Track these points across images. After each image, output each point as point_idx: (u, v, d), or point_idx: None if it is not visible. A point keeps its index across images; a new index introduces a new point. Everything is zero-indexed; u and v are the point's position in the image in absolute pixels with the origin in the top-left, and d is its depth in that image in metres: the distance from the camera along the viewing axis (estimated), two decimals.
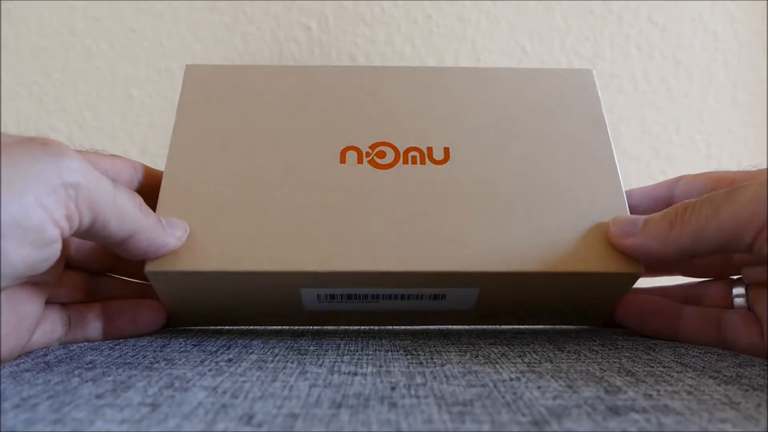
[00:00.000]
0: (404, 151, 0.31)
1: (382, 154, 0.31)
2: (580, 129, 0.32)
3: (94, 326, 0.29)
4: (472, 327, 0.35)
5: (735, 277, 0.31)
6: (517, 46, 0.62)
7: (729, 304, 0.30)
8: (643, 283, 0.32)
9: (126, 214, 0.24)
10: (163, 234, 0.26)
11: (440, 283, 0.29)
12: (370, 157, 0.31)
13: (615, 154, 0.32)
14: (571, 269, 0.28)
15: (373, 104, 0.33)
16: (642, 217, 0.28)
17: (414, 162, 0.30)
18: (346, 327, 0.34)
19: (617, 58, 0.63)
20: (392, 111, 0.32)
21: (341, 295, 0.29)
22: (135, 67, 0.61)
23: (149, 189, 0.30)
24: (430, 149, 0.31)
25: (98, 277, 0.31)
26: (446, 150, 0.31)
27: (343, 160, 0.30)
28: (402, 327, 0.35)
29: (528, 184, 0.30)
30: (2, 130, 0.22)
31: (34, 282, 0.25)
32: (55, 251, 0.22)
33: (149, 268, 0.27)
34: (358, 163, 0.30)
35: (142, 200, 0.25)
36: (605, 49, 0.62)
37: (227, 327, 0.34)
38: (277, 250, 0.28)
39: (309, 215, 0.29)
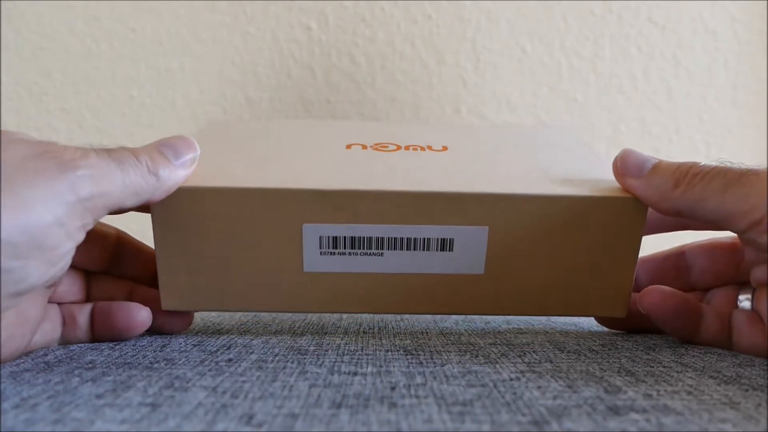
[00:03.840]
0: (405, 146, 0.34)
1: (385, 146, 0.34)
2: (567, 147, 0.36)
3: (82, 328, 0.29)
4: (472, 327, 0.35)
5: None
6: (517, 46, 0.62)
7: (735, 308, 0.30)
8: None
9: (138, 190, 0.24)
10: (175, 173, 0.26)
11: (448, 213, 0.28)
12: (375, 147, 0.34)
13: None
14: (572, 194, 0.28)
15: (377, 127, 0.38)
16: (652, 161, 0.28)
17: (415, 150, 0.34)
18: (346, 328, 0.34)
19: (617, 58, 0.63)
20: (394, 131, 0.37)
21: (344, 240, 0.28)
22: (135, 67, 0.61)
23: None
24: (429, 146, 0.34)
25: (92, 276, 0.31)
26: (444, 147, 0.34)
27: (348, 148, 0.34)
28: (402, 327, 0.35)
29: (530, 161, 0.32)
30: (3, 129, 0.22)
31: None
32: (67, 263, 0.23)
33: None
34: (363, 149, 0.33)
35: (148, 159, 0.25)
36: (605, 49, 0.62)
37: (227, 327, 0.34)
38: (283, 174, 0.29)
39: (317, 165, 0.30)
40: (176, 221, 0.28)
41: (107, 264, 0.30)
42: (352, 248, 0.28)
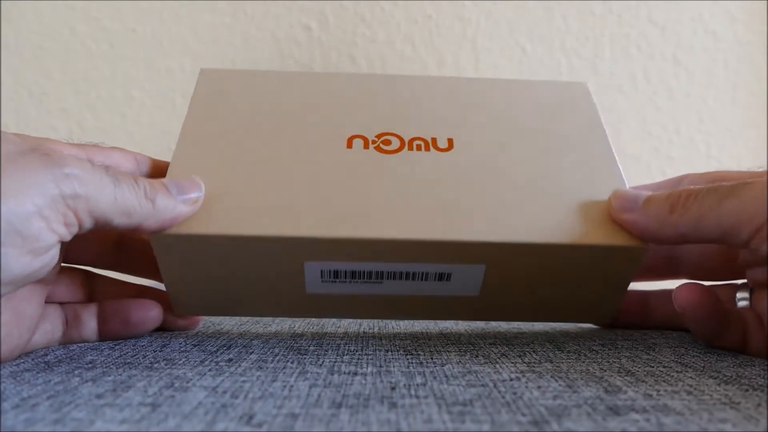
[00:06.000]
0: (409, 141, 0.32)
1: (387, 142, 0.32)
2: (578, 129, 0.34)
3: (89, 327, 0.29)
4: (472, 327, 0.35)
5: (739, 282, 0.31)
6: (517, 46, 0.62)
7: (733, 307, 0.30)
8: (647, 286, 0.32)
9: (130, 210, 0.24)
10: (174, 208, 0.26)
11: (445, 256, 0.28)
12: (376, 144, 0.31)
13: (613, 149, 0.33)
14: (573, 241, 0.28)
15: (380, 103, 0.34)
16: (644, 194, 0.28)
17: (419, 149, 0.31)
18: (346, 328, 0.34)
19: (617, 58, 0.63)
20: (398, 108, 0.34)
21: (345, 272, 0.29)
22: (135, 67, 0.61)
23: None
24: (434, 139, 0.32)
25: (96, 278, 0.31)
26: (450, 140, 0.32)
27: (349, 146, 0.31)
28: (402, 327, 0.35)
29: (532, 169, 0.31)
30: (2, 130, 0.22)
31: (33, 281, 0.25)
32: (53, 257, 0.23)
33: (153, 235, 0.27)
34: (365, 148, 0.31)
35: (147, 185, 0.25)
36: (605, 49, 0.62)
37: (227, 327, 0.34)
38: (283, 216, 0.28)
39: (316, 188, 0.29)
40: (176, 256, 0.28)
41: (112, 258, 0.30)
42: (352, 278, 0.29)
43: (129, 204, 0.24)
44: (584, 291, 0.31)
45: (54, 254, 0.23)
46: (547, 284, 0.30)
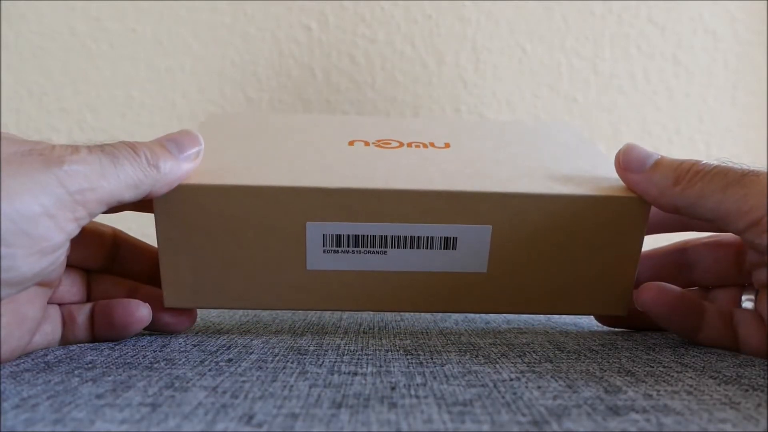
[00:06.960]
0: (408, 143, 0.34)
1: (387, 143, 0.34)
2: (569, 141, 0.36)
3: (82, 327, 0.28)
4: (472, 327, 0.35)
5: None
6: (517, 46, 0.62)
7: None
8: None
9: (136, 183, 0.24)
10: (179, 168, 0.26)
11: (451, 212, 0.28)
12: (377, 144, 0.33)
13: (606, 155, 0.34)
14: (575, 193, 0.28)
15: (379, 121, 0.38)
16: (654, 157, 0.28)
17: (417, 147, 0.33)
18: (346, 328, 0.34)
19: (617, 58, 0.63)
20: (395, 125, 0.38)
21: (348, 238, 0.28)
22: (135, 67, 0.61)
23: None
24: (432, 143, 0.34)
25: (93, 279, 0.30)
26: (447, 144, 0.34)
27: (351, 144, 0.33)
28: (402, 327, 0.35)
29: (531, 162, 0.32)
30: (2, 130, 0.22)
31: (36, 283, 0.25)
32: (61, 255, 0.23)
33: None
34: (365, 146, 0.33)
35: (147, 151, 0.25)
36: (605, 49, 0.62)
37: (227, 327, 0.34)
38: (287, 172, 0.29)
39: (320, 163, 0.30)
40: (179, 218, 0.28)
41: (106, 262, 0.30)
42: (355, 246, 0.29)
43: (134, 177, 0.24)
44: (591, 263, 0.30)
45: (62, 253, 0.23)
46: (553, 256, 0.29)
